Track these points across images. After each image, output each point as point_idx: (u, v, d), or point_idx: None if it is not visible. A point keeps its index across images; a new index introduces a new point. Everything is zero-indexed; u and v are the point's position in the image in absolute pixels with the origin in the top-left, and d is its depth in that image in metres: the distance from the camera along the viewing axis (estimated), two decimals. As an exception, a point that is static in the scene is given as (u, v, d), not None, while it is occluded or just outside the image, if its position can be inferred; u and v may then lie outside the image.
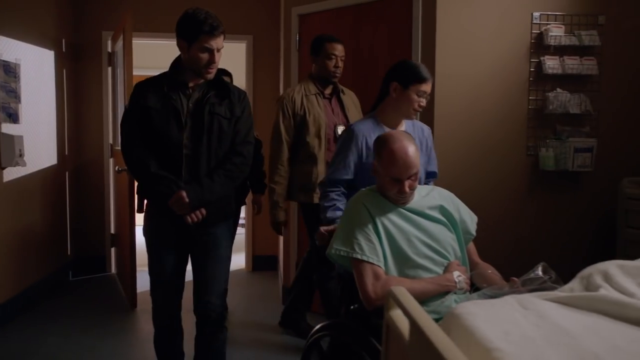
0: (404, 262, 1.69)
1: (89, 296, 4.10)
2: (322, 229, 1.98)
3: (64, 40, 4.36)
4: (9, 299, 3.43)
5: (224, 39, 2.10)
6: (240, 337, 3.22)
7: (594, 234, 3.14)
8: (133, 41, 3.79)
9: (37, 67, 3.78)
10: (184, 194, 2.04)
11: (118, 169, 3.94)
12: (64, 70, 4.36)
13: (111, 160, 4.66)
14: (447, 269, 1.69)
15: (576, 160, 3.00)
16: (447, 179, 2.84)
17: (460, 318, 1.08)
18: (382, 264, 1.67)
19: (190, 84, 2.14)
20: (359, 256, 1.67)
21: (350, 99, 3.00)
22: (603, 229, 3.12)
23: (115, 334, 3.29)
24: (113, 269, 4.75)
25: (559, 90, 3.03)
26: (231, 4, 4.64)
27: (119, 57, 4.12)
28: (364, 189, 1.89)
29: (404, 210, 1.76)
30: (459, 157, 3.07)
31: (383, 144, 1.76)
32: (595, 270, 1.23)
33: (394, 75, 2.19)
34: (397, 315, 1.02)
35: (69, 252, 4.52)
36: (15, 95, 3.29)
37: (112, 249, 4.74)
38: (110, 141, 4.65)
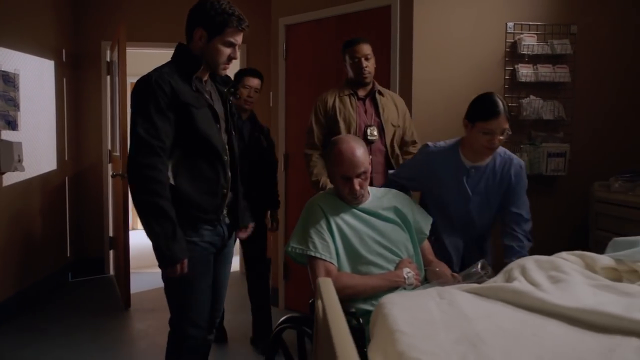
0: (356, 259, 1.80)
1: (87, 296, 4.25)
2: None
3: (64, 50, 4.54)
4: (7, 298, 3.59)
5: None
6: (233, 337, 3.34)
7: (568, 236, 3.23)
8: (131, 50, 3.96)
9: (36, 76, 3.95)
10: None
11: (113, 173, 4.10)
12: (64, 79, 4.53)
13: (110, 165, 4.82)
14: (397, 266, 1.81)
15: (550, 165, 3.10)
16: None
17: (382, 307, 1.20)
18: (334, 261, 1.79)
19: (205, 79, 1.95)
20: (312, 253, 1.79)
21: (391, 101, 2.89)
22: (577, 231, 3.21)
23: (108, 332, 3.43)
24: (111, 271, 4.90)
25: (532, 97, 3.14)
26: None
27: (117, 66, 4.29)
28: (322, 191, 2.01)
29: (357, 211, 1.88)
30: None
31: (332, 146, 1.89)
32: (515, 265, 1.34)
33: (467, 112, 2.14)
34: (320, 302, 1.15)
35: (68, 254, 4.68)
36: (14, 103, 3.46)
37: (111, 252, 4.89)
38: (109, 147, 4.82)
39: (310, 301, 1.92)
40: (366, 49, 2.79)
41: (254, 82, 3.12)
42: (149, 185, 1.72)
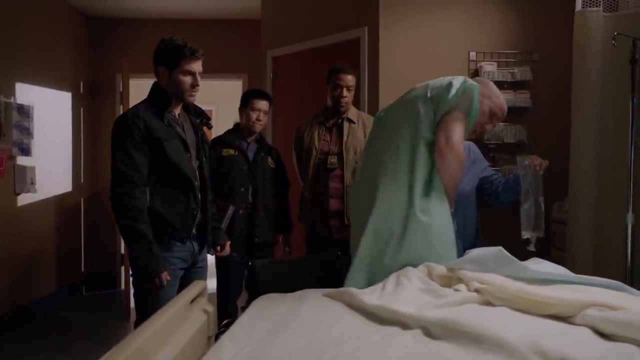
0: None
1: (94, 309, 4.60)
2: None
3: (81, 82, 5.00)
4: (17, 309, 3.95)
5: (203, 63, 2.16)
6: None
7: (530, 256, 3.30)
8: (143, 81, 4.36)
9: (52, 107, 4.39)
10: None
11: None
12: (81, 109, 4.98)
13: (122, 187, 5.20)
14: None
15: (512, 186, 3.21)
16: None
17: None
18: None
19: (177, 112, 2.19)
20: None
21: (361, 128, 2.91)
22: (538, 251, 3.28)
23: (104, 340, 3.72)
24: (123, 286, 5.24)
25: (492, 121, 3.28)
26: (230, 47, 5.19)
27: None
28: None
29: None
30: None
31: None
32: (394, 275, 1.50)
33: None
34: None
35: (82, 269, 5.06)
36: (28, 132, 3.88)
37: (122, 267, 5.24)
38: (122, 170, 5.21)
39: (240, 307, 2.14)
40: (350, 80, 2.85)
41: (262, 104, 2.93)
42: (127, 212, 1.98)
